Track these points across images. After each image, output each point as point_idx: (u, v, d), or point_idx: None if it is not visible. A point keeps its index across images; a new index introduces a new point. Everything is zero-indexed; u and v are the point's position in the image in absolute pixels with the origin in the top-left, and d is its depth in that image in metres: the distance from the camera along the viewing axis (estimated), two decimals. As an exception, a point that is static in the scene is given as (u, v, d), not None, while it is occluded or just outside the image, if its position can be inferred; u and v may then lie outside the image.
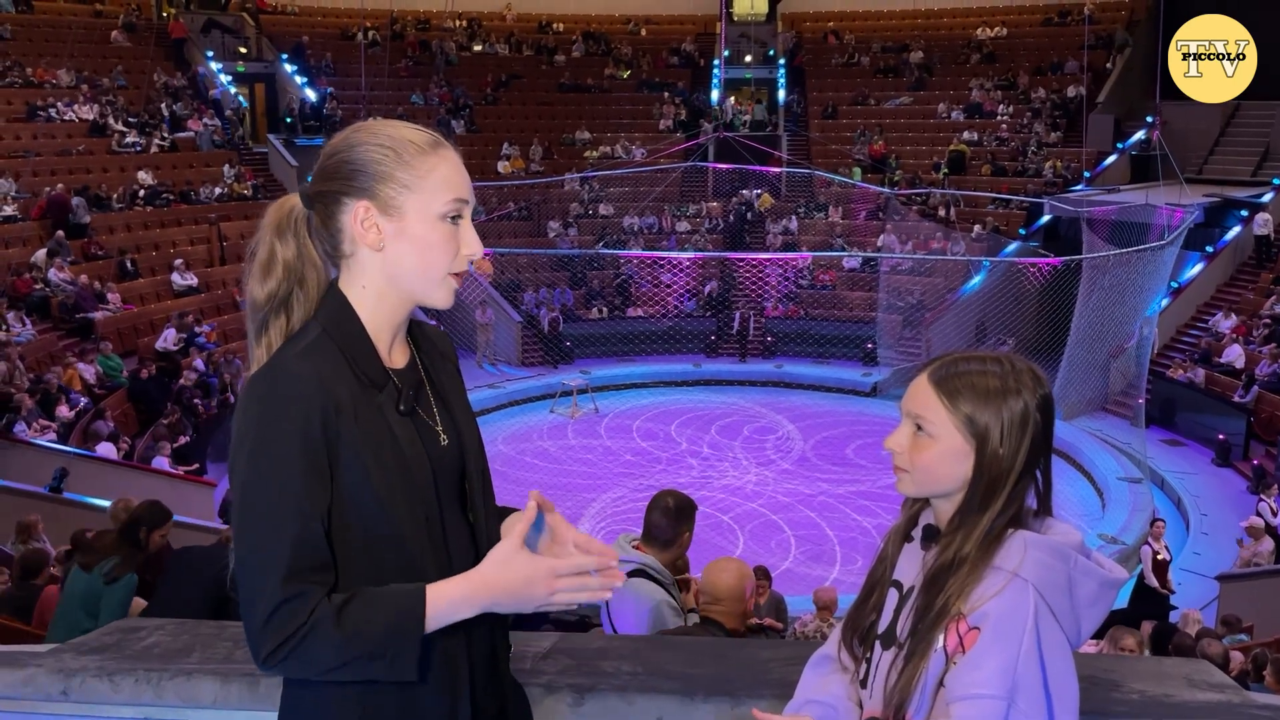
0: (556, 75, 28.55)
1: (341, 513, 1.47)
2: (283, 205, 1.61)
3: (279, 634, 1.39)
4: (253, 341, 1.58)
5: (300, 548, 1.42)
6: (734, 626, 3.22)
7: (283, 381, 1.46)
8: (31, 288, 16.41)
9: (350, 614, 1.41)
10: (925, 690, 1.46)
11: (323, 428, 1.45)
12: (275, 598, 1.40)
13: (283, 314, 1.58)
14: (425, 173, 1.54)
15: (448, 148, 1.58)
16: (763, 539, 13.23)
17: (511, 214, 24.01)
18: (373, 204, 1.53)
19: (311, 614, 1.40)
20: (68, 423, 13.01)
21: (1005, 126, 25.45)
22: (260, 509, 1.43)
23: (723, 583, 3.25)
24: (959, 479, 1.52)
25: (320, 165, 1.58)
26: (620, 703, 1.97)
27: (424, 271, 1.56)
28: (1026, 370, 1.54)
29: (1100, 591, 1.49)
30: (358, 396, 1.50)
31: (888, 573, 1.63)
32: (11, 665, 2.11)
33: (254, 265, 1.59)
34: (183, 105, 23.90)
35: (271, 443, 1.43)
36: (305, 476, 1.43)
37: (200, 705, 2.03)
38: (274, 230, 1.59)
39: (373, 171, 1.53)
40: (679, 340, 21.04)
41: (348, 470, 1.47)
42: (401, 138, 1.55)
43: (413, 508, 1.52)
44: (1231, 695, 2.03)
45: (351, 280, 1.57)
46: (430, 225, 1.54)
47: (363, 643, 1.41)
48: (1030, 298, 18.49)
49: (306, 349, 1.50)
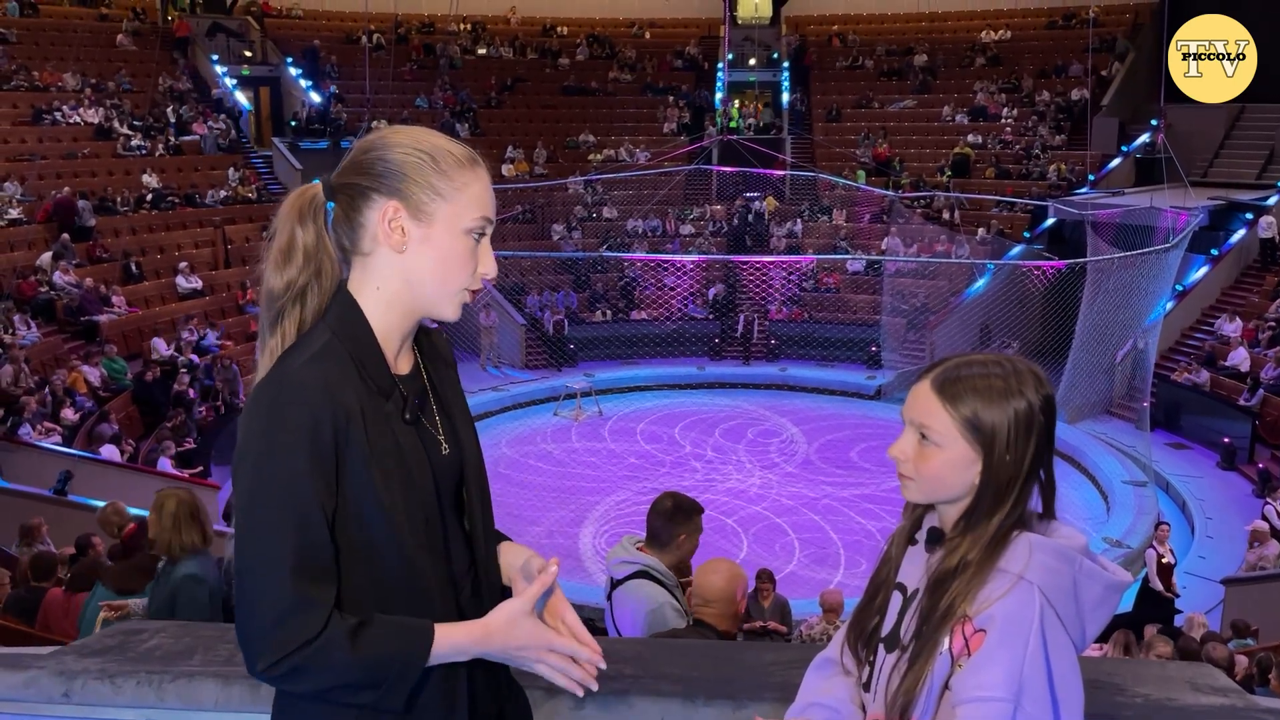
0: (560, 78, 28.58)
1: (345, 520, 1.47)
2: (304, 192, 1.60)
3: (286, 644, 1.38)
4: (266, 333, 1.56)
5: (305, 555, 1.41)
6: (726, 628, 3.19)
7: (291, 389, 1.45)
8: (37, 290, 16.45)
9: (366, 638, 1.42)
10: (930, 693, 1.46)
11: (332, 435, 1.44)
12: (281, 606, 1.39)
13: (298, 305, 1.56)
14: (461, 186, 1.54)
15: (482, 166, 1.59)
16: (767, 542, 13.21)
17: (516, 217, 24.03)
18: (403, 205, 1.52)
19: (324, 629, 1.39)
20: (72, 425, 13.03)
21: (1009, 129, 25.43)
22: (267, 516, 1.42)
23: (712, 584, 3.21)
24: (966, 485, 1.51)
25: (352, 159, 1.57)
26: (621, 705, 1.96)
27: (441, 283, 1.56)
28: (1028, 371, 1.53)
29: (1105, 594, 1.48)
30: (366, 404, 1.49)
31: (891, 575, 1.62)
32: (14, 667, 2.11)
33: (272, 252, 1.58)
34: (188, 109, 23.95)
35: (279, 450, 1.42)
36: (312, 484, 1.43)
37: (202, 708, 2.03)
38: (295, 216, 1.58)
39: (409, 174, 1.53)
40: (683, 343, 21.05)
41: (354, 478, 1.46)
42: (441, 147, 1.56)
43: (414, 516, 1.52)
44: (1235, 699, 2.02)
45: (365, 281, 1.56)
46: (455, 237, 1.54)
47: (368, 669, 1.41)
48: (1035, 301, 18.47)
49: (315, 356, 1.49)
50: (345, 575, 1.47)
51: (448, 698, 1.54)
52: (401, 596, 1.51)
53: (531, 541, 12.56)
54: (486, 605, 1.64)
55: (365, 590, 1.49)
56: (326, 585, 1.43)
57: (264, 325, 1.58)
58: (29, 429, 12.08)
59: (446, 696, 1.53)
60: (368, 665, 1.41)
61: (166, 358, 16.33)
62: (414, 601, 1.50)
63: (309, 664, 1.39)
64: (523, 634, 1.50)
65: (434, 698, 1.52)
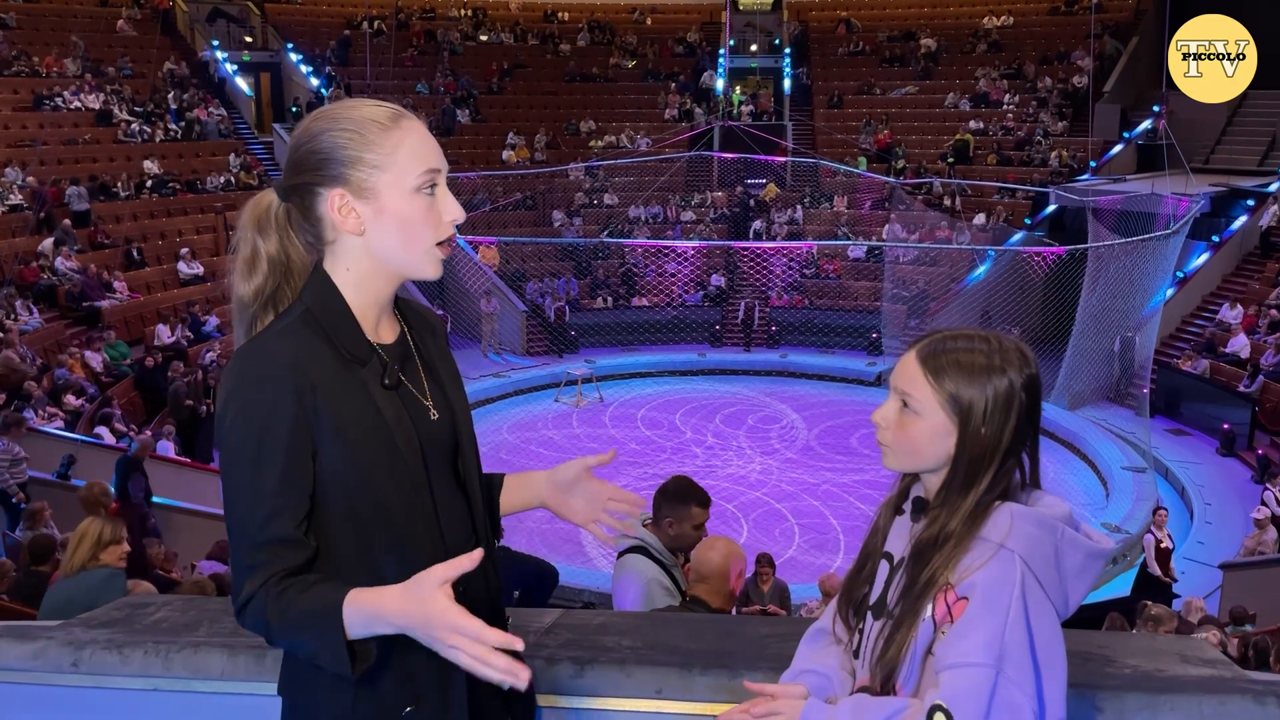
0: (562, 64, 28.50)
1: (324, 489, 1.49)
2: (259, 201, 1.61)
3: (239, 600, 1.45)
4: (242, 339, 1.58)
5: (268, 523, 1.44)
6: (719, 606, 3.19)
7: (260, 360, 1.48)
8: (39, 276, 16.47)
9: (281, 601, 1.42)
10: (914, 659, 1.48)
11: (299, 405, 1.46)
12: (244, 564, 1.45)
13: (271, 309, 1.59)
14: (392, 149, 1.52)
15: (411, 118, 1.56)
16: (767, 528, 13.26)
17: (516, 203, 24.02)
18: (346, 190, 1.52)
19: (261, 587, 1.43)
20: (75, 410, 13.08)
21: (1011, 116, 25.36)
22: (238, 485, 1.46)
23: (709, 560, 3.22)
24: (942, 456, 1.54)
25: (289, 158, 1.57)
26: (619, 675, 2.00)
27: (409, 248, 1.55)
28: (1014, 349, 1.54)
29: (1087, 562, 1.50)
30: (337, 373, 1.50)
31: (879, 544, 1.65)
32: (22, 638, 2.15)
33: (237, 263, 1.59)
34: (189, 95, 23.92)
35: (249, 420, 1.45)
36: (283, 453, 1.45)
37: (208, 677, 2.07)
38: (254, 227, 1.59)
39: (340, 157, 1.51)
40: (684, 330, 21.06)
41: (329, 446, 1.48)
42: (362, 117, 1.53)
43: (399, 482, 1.53)
44: (1223, 670, 2.05)
45: (335, 264, 1.57)
46: (407, 201, 1.53)
47: (288, 627, 1.43)
48: (1035, 287, 18.46)
49: (286, 328, 1.52)
50: (329, 542, 1.49)
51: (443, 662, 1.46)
52: (392, 566, 1.51)
53: (532, 527, 12.64)
54: (489, 575, 1.67)
55: (352, 555, 1.51)
56: (285, 550, 1.45)
57: (239, 334, 1.60)
58: (32, 414, 12.12)
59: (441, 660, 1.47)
60: (287, 621, 1.42)
61: (169, 343, 16.36)
62: (405, 571, 1.43)
63: (250, 620, 1.45)
64: (417, 604, 1.35)
65: (426, 662, 1.46)
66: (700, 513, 3.52)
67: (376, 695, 1.52)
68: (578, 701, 2.01)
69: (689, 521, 3.49)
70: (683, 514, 3.49)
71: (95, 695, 2.11)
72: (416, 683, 1.53)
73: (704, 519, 3.55)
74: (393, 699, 1.53)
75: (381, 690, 1.52)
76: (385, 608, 1.38)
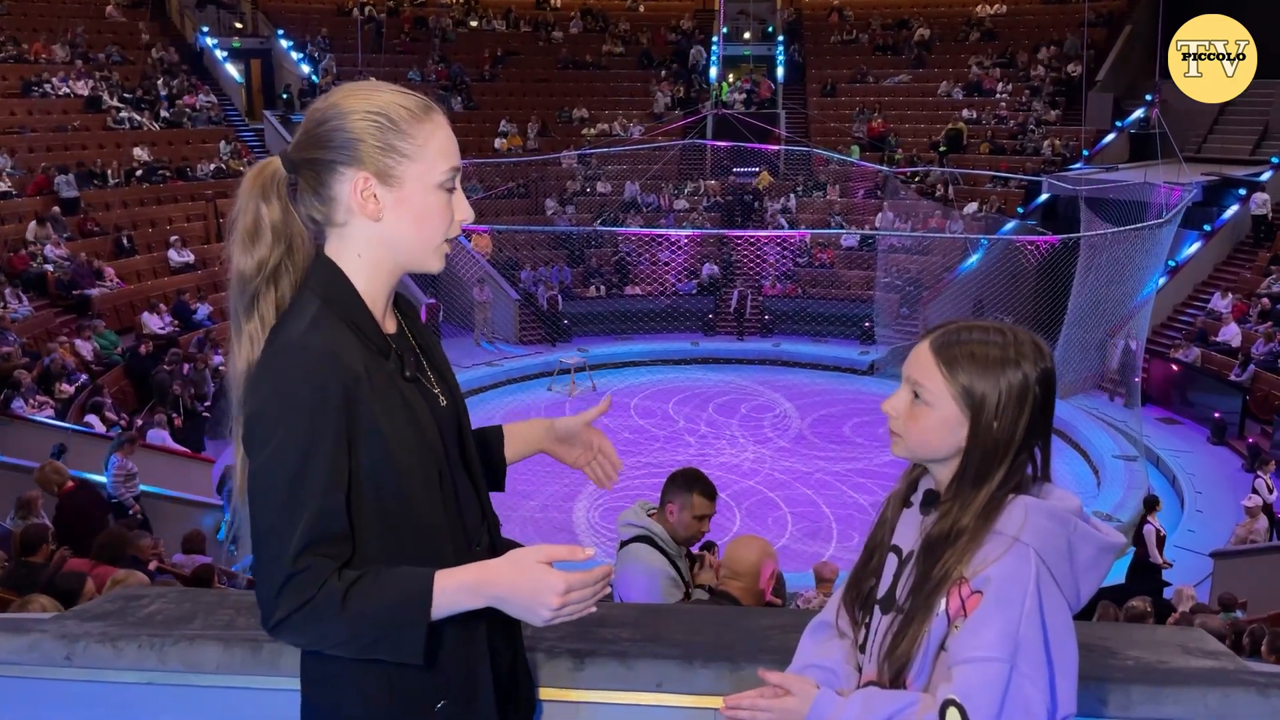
0: (554, 52, 28.37)
1: (359, 480, 1.46)
2: (264, 168, 1.56)
3: (288, 605, 1.39)
4: (241, 319, 1.52)
5: (320, 520, 1.41)
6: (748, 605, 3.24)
7: (299, 357, 1.43)
8: (28, 264, 16.36)
9: (356, 595, 1.40)
10: (926, 654, 1.47)
11: (343, 400, 1.43)
12: (289, 569, 1.39)
13: (272, 286, 1.53)
14: (424, 141, 1.51)
15: (439, 112, 1.55)
16: (759, 516, 13.27)
17: (509, 192, 23.94)
18: (372, 175, 1.49)
19: (320, 589, 1.39)
20: (66, 399, 13.01)
21: (1004, 105, 25.35)
22: (283, 482, 1.41)
23: (743, 559, 3.29)
24: (952, 447, 1.52)
25: (308, 131, 1.52)
26: (620, 667, 1.98)
27: (422, 241, 1.54)
28: (1029, 342, 1.53)
29: (1099, 555, 1.49)
30: (371, 365, 1.48)
31: (887, 538, 1.63)
32: (16, 631, 2.13)
33: (237, 233, 1.54)
34: (179, 81, 23.76)
35: (294, 417, 1.41)
36: (329, 448, 1.42)
37: (203, 670, 2.04)
38: (258, 193, 1.54)
39: (370, 141, 1.49)
40: (677, 318, 21.03)
41: (369, 438, 1.45)
42: (396, 104, 1.51)
43: (427, 470, 1.52)
44: (1226, 662, 2.05)
45: (344, 249, 1.53)
46: (429, 194, 1.52)
47: (367, 625, 1.40)
48: (1028, 276, 18.47)
49: (313, 322, 1.47)
50: (363, 536, 1.47)
51: (469, 654, 1.53)
52: (419, 553, 1.50)
53: (525, 516, 12.64)
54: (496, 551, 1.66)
55: (379, 542, 1.48)
56: (336, 548, 1.42)
57: (237, 310, 1.53)
58: (22, 403, 12.06)
59: (467, 652, 1.53)
60: (367, 619, 1.40)
61: (162, 333, 16.28)
62: (429, 558, 1.48)
63: (306, 623, 1.40)
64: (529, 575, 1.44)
65: (455, 654, 1.51)
66: (703, 502, 3.56)
67: (409, 690, 1.51)
68: (578, 695, 2.00)
69: (690, 510, 3.53)
70: (685, 500, 3.53)
71: (89, 689, 2.09)
72: (447, 676, 1.53)
73: (707, 511, 3.59)
74: (425, 694, 1.52)
75: (414, 685, 1.51)
76: (493, 580, 1.44)
